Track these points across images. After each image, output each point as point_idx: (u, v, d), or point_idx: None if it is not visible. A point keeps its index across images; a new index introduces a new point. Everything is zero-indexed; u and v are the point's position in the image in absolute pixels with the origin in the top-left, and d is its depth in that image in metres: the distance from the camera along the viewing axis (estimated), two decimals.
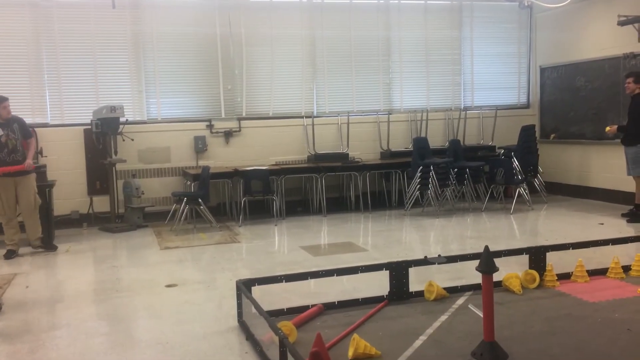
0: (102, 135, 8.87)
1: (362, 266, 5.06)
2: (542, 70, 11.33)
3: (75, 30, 9.26)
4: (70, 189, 9.19)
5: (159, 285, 5.89)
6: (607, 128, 8.66)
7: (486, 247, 3.80)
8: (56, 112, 9.28)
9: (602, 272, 5.57)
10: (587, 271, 5.46)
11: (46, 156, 8.87)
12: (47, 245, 7.57)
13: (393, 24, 10.79)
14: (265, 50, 10.14)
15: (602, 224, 8.28)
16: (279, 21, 10.14)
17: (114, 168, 9.09)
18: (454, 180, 9.65)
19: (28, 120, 8.43)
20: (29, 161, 7.30)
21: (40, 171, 8.11)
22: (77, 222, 9.27)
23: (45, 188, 8.08)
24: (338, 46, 10.53)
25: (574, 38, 10.57)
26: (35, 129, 8.87)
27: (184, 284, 5.91)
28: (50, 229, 7.94)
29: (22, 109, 8.74)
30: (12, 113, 7.42)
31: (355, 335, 3.90)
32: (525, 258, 5.42)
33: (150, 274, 6.43)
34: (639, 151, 8.26)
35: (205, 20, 9.83)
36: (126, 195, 9.23)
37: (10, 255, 7.31)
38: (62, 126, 9.27)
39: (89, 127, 9.00)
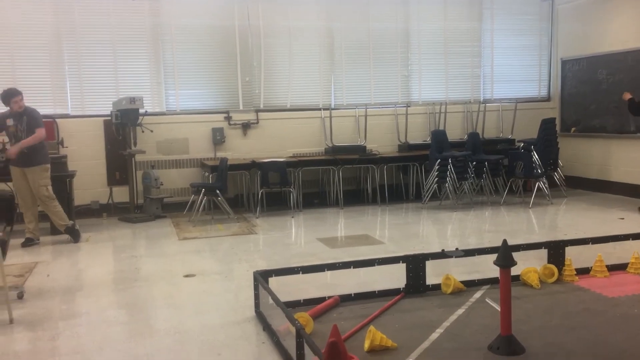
0: (122, 127, 8.95)
1: (378, 259, 5.06)
2: (564, 63, 11.19)
3: (95, 22, 9.33)
4: (90, 179, 9.29)
5: (177, 275, 5.94)
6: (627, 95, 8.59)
7: (504, 241, 3.78)
8: (77, 103, 9.38)
9: (622, 267, 5.51)
10: (607, 266, 5.40)
11: (67, 147, 8.97)
12: (72, 234, 7.64)
13: (412, 16, 10.71)
14: (283, 42, 10.13)
15: (623, 218, 8.18)
16: (297, 13, 10.13)
17: (133, 159, 9.17)
18: (472, 174, 9.59)
19: (49, 111, 8.57)
20: (12, 149, 7.20)
21: (61, 161, 8.21)
22: (97, 212, 9.37)
23: (65, 178, 8.19)
24: (356, 38, 10.49)
25: (596, 30, 10.42)
26: (56, 120, 9.02)
27: (202, 274, 5.96)
28: (70, 219, 8.02)
29: (43, 100, 8.87)
30: (31, 105, 7.47)
31: (371, 327, 3.90)
32: (544, 252, 5.38)
33: (169, 264, 6.49)
34: None
35: (223, 12, 9.84)
36: (145, 186, 9.31)
37: (27, 243, 7.42)
38: (82, 117, 9.36)
39: (109, 118, 9.08)
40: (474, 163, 9.61)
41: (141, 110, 8.93)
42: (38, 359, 4.01)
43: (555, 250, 5.33)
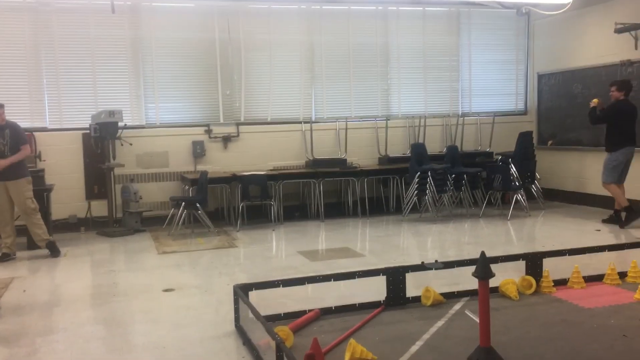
0: (101, 140, 8.88)
1: (359, 271, 5.07)
2: (540, 77, 11.37)
3: (75, 34, 9.28)
4: (68, 193, 9.19)
5: (156, 289, 5.89)
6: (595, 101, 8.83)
7: (482, 253, 3.81)
8: (55, 116, 9.29)
9: (598, 278, 5.59)
10: (584, 277, 5.47)
11: (44, 160, 8.87)
12: (52, 249, 7.55)
13: (391, 31, 10.83)
14: (264, 55, 10.17)
15: (599, 230, 8.30)
16: (277, 27, 10.18)
17: (112, 172, 9.09)
18: (451, 186, 9.67)
19: (26, 124, 8.48)
20: (2, 162, 7.18)
21: (38, 175, 8.12)
22: (75, 226, 9.26)
23: (43, 192, 8.10)
24: (336, 52, 10.56)
25: (571, 45, 10.63)
26: (34, 133, 8.92)
27: (182, 288, 5.92)
28: (48, 233, 7.91)
29: (21, 113, 8.76)
30: (10, 119, 7.43)
31: (351, 340, 3.90)
32: (522, 264, 5.44)
33: (148, 278, 6.43)
34: (612, 158, 8.47)
35: (204, 26, 9.86)
36: (124, 199, 9.24)
37: (4, 258, 7.31)
38: (60, 130, 9.27)
39: (88, 131, 9.00)
40: (453, 176, 9.70)
41: (120, 124, 8.87)
42: None
43: (533, 262, 5.40)
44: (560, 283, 5.44)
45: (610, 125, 8.57)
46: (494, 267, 3.84)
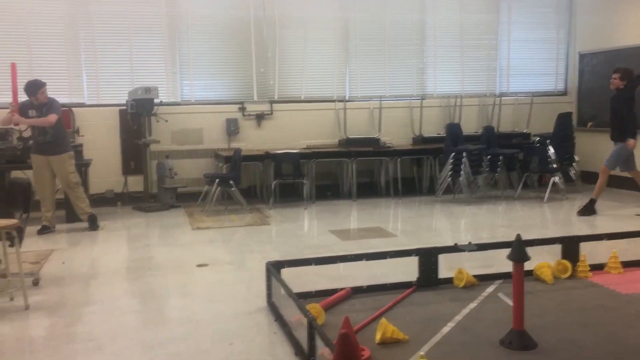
0: (137, 116, 8.98)
1: (391, 251, 5.06)
2: (581, 57, 11.06)
3: (112, 11, 9.36)
4: (105, 168, 9.35)
5: (190, 264, 5.98)
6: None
7: (518, 236, 3.76)
8: (93, 92, 9.44)
9: (636, 263, 5.46)
10: (621, 262, 5.35)
11: (82, 135, 9.04)
12: (92, 223, 7.72)
13: (428, 7, 10.63)
14: (298, 33, 10.11)
15: (639, 215, 8.10)
16: (312, 4, 10.09)
17: (148, 148, 9.22)
18: (487, 168, 9.53)
19: (65, 100, 8.63)
20: (20, 119, 7.24)
21: (77, 150, 8.28)
22: (112, 200, 9.44)
23: (81, 167, 8.25)
24: (371, 30, 10.43)
25: (614, 24, 10.28)
26: (72, 109, 9.09)
27: (215, 264, 6.00)
28: None
29: (60, 89, 8.92)
30: (50, 95, 7.55)
31: (383, 320, 3.91)
32: (557, 248, 5.34)
33: (182, 253, 6.54)
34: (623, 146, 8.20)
35: (239, 3, 9.83)
36: (159, 175, 9.37)
37: (43, 231, 7.51)
38: (98, 106, 9.42)
39: (124, 107, 9.13)
40: (489, 157, 9.55)
41: (156, 100, 8.96)
42: (53, 344, 4.06)
43: (570, 246, 5.30)
44: (597, 268, 5.32)
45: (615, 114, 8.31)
46: (529, 250, 3.78)
